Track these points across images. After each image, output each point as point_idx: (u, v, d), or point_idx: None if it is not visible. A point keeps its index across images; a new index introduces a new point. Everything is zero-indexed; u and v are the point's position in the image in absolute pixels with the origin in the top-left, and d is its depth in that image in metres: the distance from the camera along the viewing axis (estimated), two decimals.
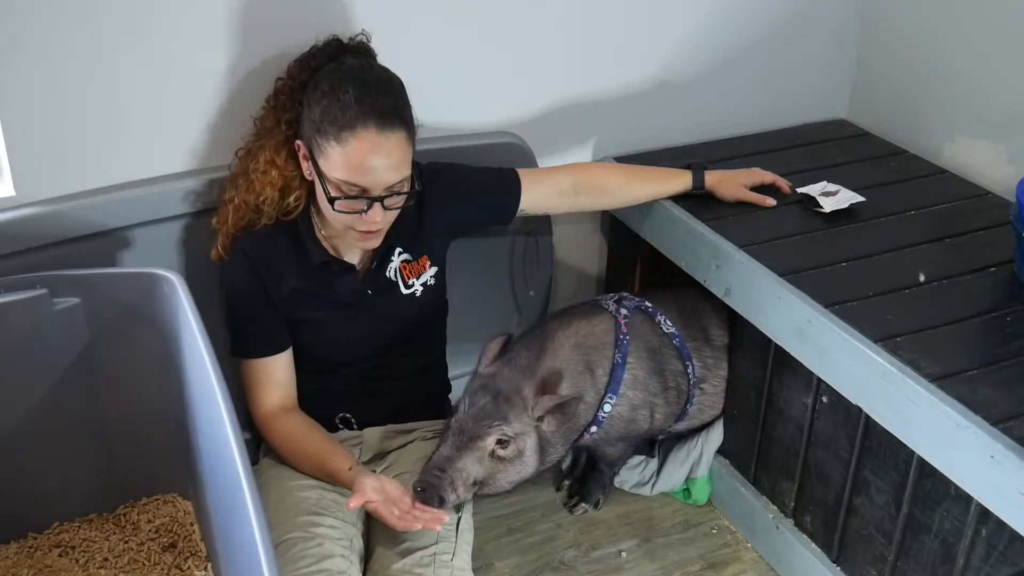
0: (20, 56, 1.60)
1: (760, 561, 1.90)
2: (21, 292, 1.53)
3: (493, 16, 1.95)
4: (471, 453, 1.65)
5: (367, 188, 1.53)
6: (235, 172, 1.67)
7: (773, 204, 1.92)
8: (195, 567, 1.68)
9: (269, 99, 1.67)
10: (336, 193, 1.54)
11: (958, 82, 2.11)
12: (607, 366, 1.81)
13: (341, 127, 1.50)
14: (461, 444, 1.65)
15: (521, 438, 1.69)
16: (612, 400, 1.81)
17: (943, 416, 1.40)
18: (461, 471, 1.63)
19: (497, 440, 1.67)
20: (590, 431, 1.83)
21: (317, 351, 1.74)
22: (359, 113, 1.50)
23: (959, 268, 1.73)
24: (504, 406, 1.68)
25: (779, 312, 1.68)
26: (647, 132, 2.20)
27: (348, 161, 1.51)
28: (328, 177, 1.53)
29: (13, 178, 1.69)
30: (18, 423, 1.62)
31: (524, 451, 1.70)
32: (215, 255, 1.68)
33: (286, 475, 1.68)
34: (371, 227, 1.58)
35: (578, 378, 1.78)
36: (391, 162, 1.53)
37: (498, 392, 1.69)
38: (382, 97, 1.53)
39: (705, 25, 2.16)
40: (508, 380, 1.72)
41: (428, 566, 1.55)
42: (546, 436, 1.74)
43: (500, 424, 1.66)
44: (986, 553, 1.45)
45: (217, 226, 1.67)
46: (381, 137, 1.51)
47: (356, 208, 1.54)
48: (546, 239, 2.16)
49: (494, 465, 1.68)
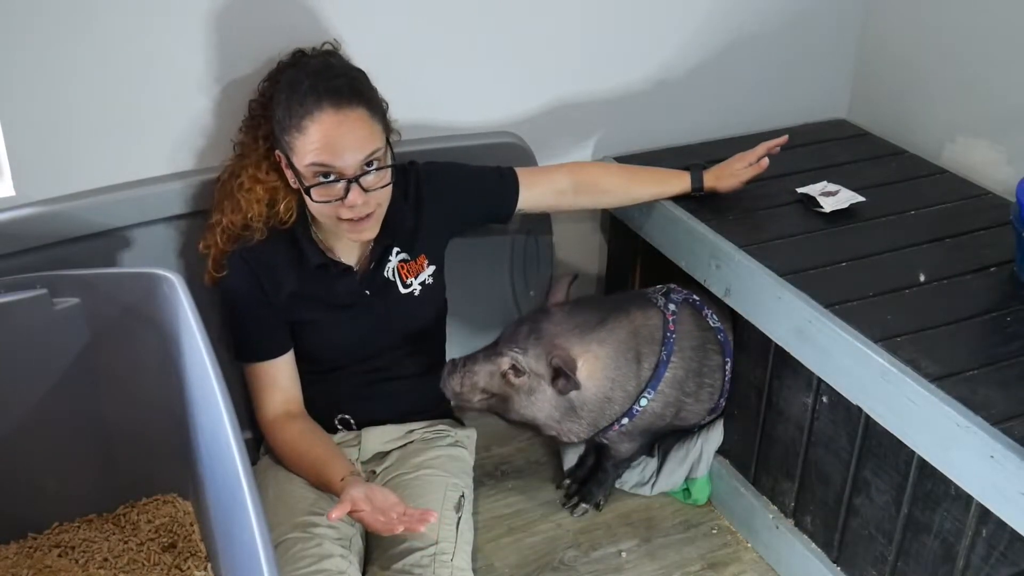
0: (20, 56, 1.60)
1: (760, 561, 1.90)
2: (21, 292, 1.53)
3: (493, 16, 1.94)
4: (487, 364, 1.75)
5: (338, 170, 1.53)
6: (219, 197, 1.67)
7: (767, 164, 1.91)
8: (195, 567, 1.68)
9: (245, 120, 1.68)
10: (310, 182, 1.54)
11: (958, 82, 2.11)
12: (652, 361, 1.82)
13: (301, 116, 1.52)
14: (487, 354, 1.76)
15: (536, 378, 1.74)
16: (650, 396, 1.82)
17: (943, 416, 1.40)
18: (472, 373, 1.75)
19: (512, 365, 1.74)
20: (621, 422, 1.84)
21: (316, 352, 1.74)
22: (315, 99, 1.52)
23: (959, 268, 1.73)
24: (533, 342, 1.74)
25: (779, 312, 1.68)
26: (647, 132, 2.20)
27: (312, 144, 1.52)
28: (300, 170, 1.55)
29: (13, 178, 1.69)
30: (18, 423, 1.62)
31: (536, 391, 1.75)
32: (209, 280, 1.67)
33: (285, 475, 1.68)
34: (355, 213, 1.56)
35: (625, 365, 1.80)
36: (354, 138, 1.53)
37: (539, 329, 1.76)
38: (335, 80, 1.55)
39: (705, 25, 2.16)
40: (554, 324, 1.77)
41: (428, 566, 1.54)
42: (575, 402, 1.77)
43: (519, 353, 1.74)
44: (986, 553, 1.44)
45: (205, 251, 1.66)
46: (340, 115, 1.52)
47: (333, 194, 1.54)
48: (546, 239, 2.16)
49: (504, 387, 1.75)
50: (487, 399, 1.77)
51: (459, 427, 1.89)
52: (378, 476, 1.76)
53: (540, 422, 1.79)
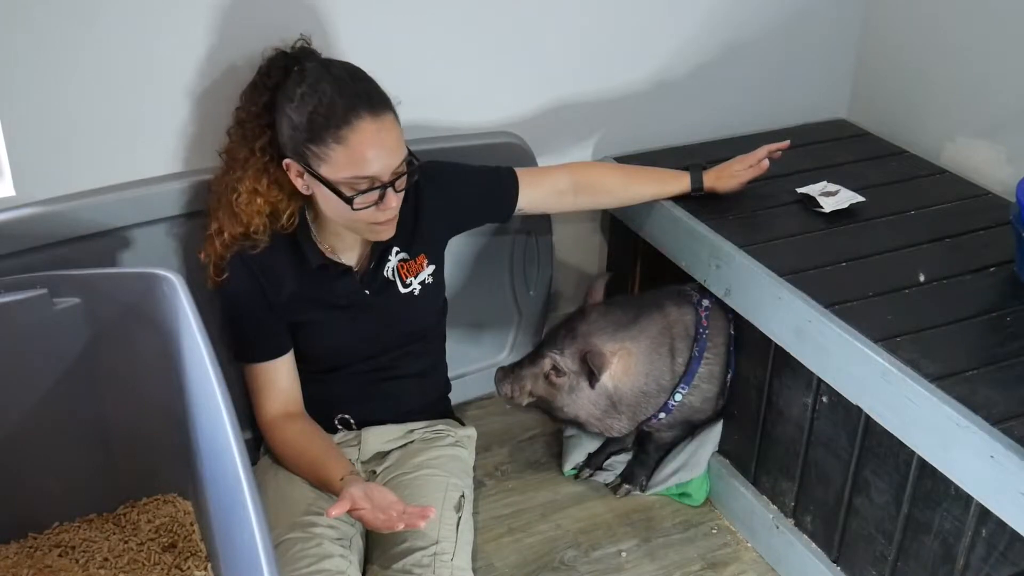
0: (20, 56, 1.60)
1: (760, 561, 1.90)
2: (21, 292, 1.53)
3: (493, 16, 1.95)
4: (531, 368, 1.87)
5: (377, 177, 1.52)
6: (213, 206, 1.64)
7: (767, 166, 1.92)
8: (195, 567, 1.68)
9: (232, 131, 1.63)
10: (351, 192, 1.52)
11: (958, 82, 2.12)
12: (686, 356, 1.86)
13: (338, 126, 1.48)
14: (531, 358, 1.88)
15: (576, 376, 1.83)
16: (684, 391, 1.87)
17: (943, 416, 1.40)
18: (519, 379, 1.88)
19: (552, 367, 1.84)
20: (658, 416, 1.89)
21: (316, 353, 1.74)
22: (348, 106, 1.49)
23: (959, 268, 1.73)
24: (570, 342, 1.83)
25: (779, 312, 1.68)
26: (647, 132, 2.20)
27: (354, 155, 1.49)
28: (336, 180, 1.51)
29: (13, 178, 1.69)
30: (18, 423, 1.62)
31: (576, 389, 1.83)
32: (211, 285, 1.65)
33: (285, 475, 1.68)
34: (389, 214, 1.57)
35: (659, 360, 1.85)
36: (392, 144, 1.52)
37: (574, 330, 1.85)
38: (359, 84, 1.53)
39: (705, 25, 2.16)
40: (589, 323, 1.85)
41: (428, 566, 1.54)
42: (613, 397, 1.84)
43: (557, 354, 1.83)
44: (986, 553, 1.44)
45: (206, 260, 1.64)
46: (377, 122, 1.50)
47: (372, 201, 1.53)
48: (546, 239, 2.16)
49: (548, 388, 1.86)
50: (535, 400, 1.89)
51: (459, 427, 1.89)
52: (378, 476, 1.76)
53: (583, 419, 1.88)
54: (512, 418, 2.24)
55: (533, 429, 2.21)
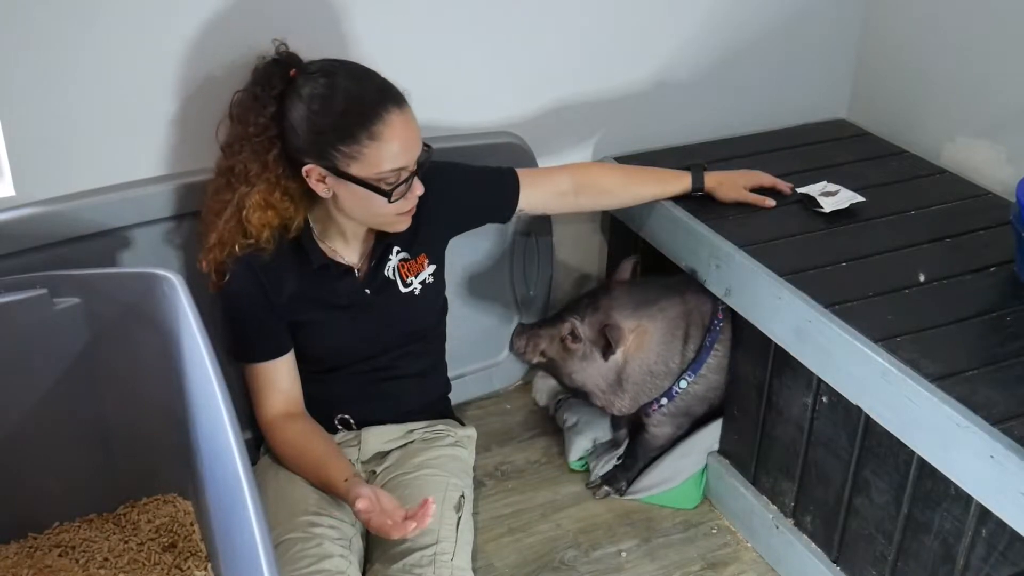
0: (20, 56, 1.60)
1: (760, 561, 1.90)
2: (21, 292, 1.53)
3: (493, 16, 1.95)
4: (549, 329, 1.94)
5: (407, 166, 1.54)
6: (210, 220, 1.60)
7: (773, 205, 1.92)
8: (195, 567, 1.68)
9: (234, 147, 1.57)
10: (387, 187, 1.53)
11: (958, 82, 2.12)
12: (698, 344, 1.90)
13: (369, 124, 1.49)
14: (552, 320, 1.96)
15: (590, 345, 1.89)
16: (690, 378, 1.91)
17: (943, 416, 1.40)
18: (535, 336, 1.95)
19: (571, 331, 1.89)
20: (660, 402, 1.92)
21: (316, 352, 1.74)
22: (374, 102, 1.50)
23: (959, 268, 1.73)
24: (591, 312, 1.90)
25: (779, 312, 1.68)
26: (647, 132, 2.20)
27: (390, 149, 1.51)
28: (369, 177, 1.52)
29: (13, 178, 1.69)
30: (18, 423, 1.62)
31: (588, 358, 1.89)
32: (213, 288, 1.64)
33: (285, 475, 1.68)
34: (415, 201, 1.60)
35: (672, 343, 1.89)
36: (417, 133, 1.56)
37: (597, 302, 1.91)
38: (375, 79, 1.55)
39: (705, 25, 2.16)
40: (612, 298, 1.91)
41: (428, 566, 1.54)
42: (622, 373, 1.88)
43: (577, 320, 1.90)
44: (986, 553, 1.44)
45: (208, 265, 1.61)
46: (403, 113, 1.53)
47: (403, 192, 1.56)
48: (546, 239, 2.16)
49: (561, 351, 1.92)
50: (544, 361, 1.96)
51: (459, 427, 1.89)
52: (378, 476, 1.76)
53: (588, 389, 1.92)
54: (512, 418, 2.24)
55: (533, 429, 2.21)
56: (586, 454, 2.09)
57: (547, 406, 2.22)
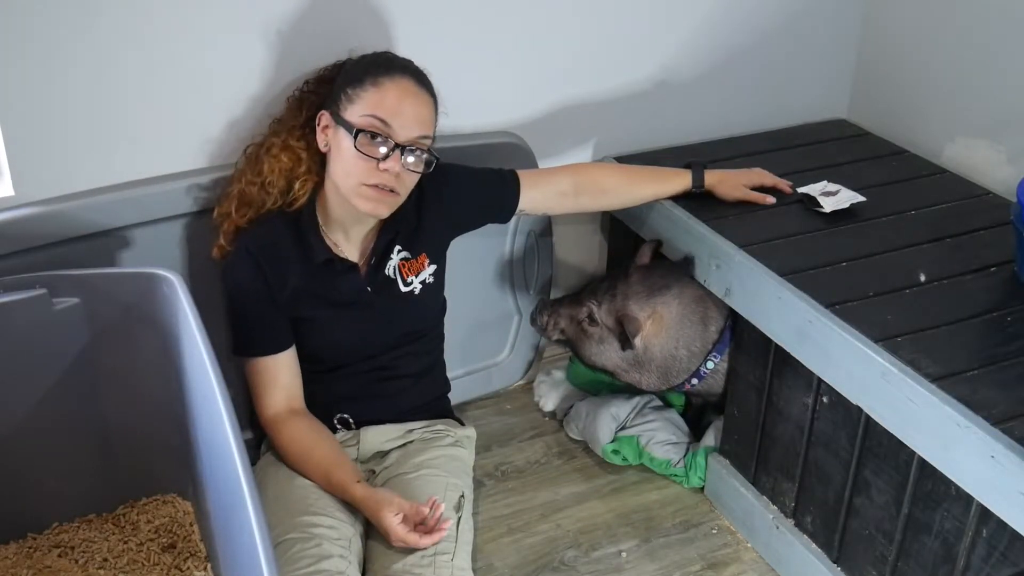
0: (20, 56, 1.60)
1: (760, 561, 1.90)
2: (21, 292, 1.53)
3: (493, 16, 1.95)
4: (570, 309, 1.98)
5: (392, 130, 1.56)
6: (241, 167, 1.70)
7: (773, 201, 1.93)
8: (195, 567, 1.68)
9: (290, 98, 1.72)
10: (361, 128, 1.56)
11: (958, 82, 2.12)
12: (720, 325, 1.90)
13: (378, 74, 1.58)
14: (572, 300, 1.99)
15: (606, 330, 1.92)
16: (716, 359, 1.91)
17: (943, 416, 1.40)
18: (555, 315, 2.00)
19: (588, 314, 1.93)
20: (691, 382, 1.94)
21: (316, 351, 1.74)
22: (400, 68, 1.60)
23: (959, 268, 1.73)
24: (609, 298, 1.92)
25: (779, 312, 1.68)
26: (647, 132, 2.20)
27: (382, 99, 1.57)
28: (353, 121, 1.57)
29: (13, 178, 1.68)
30: (18, 423, 1.62)
31: (604, 341, 1.92)
32: (217, 252, 1.69)
33: (285, 475, 1.68)
34: (384, 179, 1.57)
35: (691, 326, 1.89)
36: (420, 115, 1.59)
37: (615, 287, 1.92)
38: (414, 65, 1.63)
39: (705, 25, 2.16)
40: (629, 285, 1.92)
41: (428, 566, 1.54)
42: (641, 358, 1.91)
43: (593, 304, 1.93)
44: (987, 553, 1.44)
45: (219, 219, 1.68)
46: (415, 89, 1.60)
47: (376, 152, 1.56)
48: (546, 239, 2.16)
49: (578, 333, 1.96)
50: (564, 339, 2.01)
51: (459, 427, 1.89)
52: (377, 476, 1.76)
53: (610, 369, 1.96)
54: (512, 418, 2.24)
55: (533, 429, 2.21)
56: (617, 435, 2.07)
57: (553, 411, 2.22)
